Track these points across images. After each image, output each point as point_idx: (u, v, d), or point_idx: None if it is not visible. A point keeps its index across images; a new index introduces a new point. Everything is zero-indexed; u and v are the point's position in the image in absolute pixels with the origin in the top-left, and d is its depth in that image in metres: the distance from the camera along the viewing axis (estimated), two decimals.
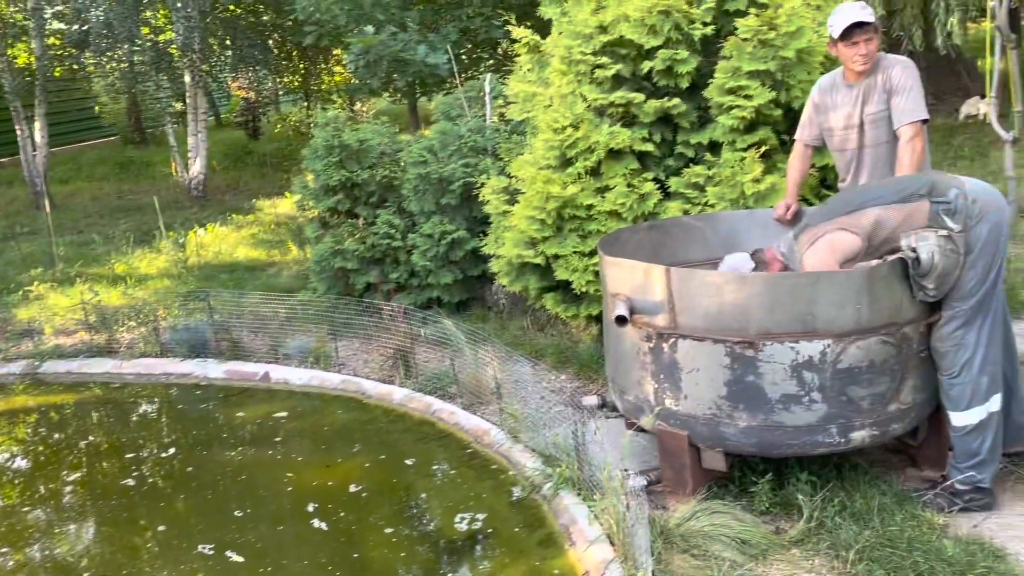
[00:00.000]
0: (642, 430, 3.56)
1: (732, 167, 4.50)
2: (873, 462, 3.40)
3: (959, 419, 3.06)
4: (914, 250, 2.96)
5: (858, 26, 3.46)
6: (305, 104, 17.15)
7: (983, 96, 9.78)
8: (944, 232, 2.95)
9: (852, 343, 2.93)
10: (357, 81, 10.40)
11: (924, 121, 3.52)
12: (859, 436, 3.01)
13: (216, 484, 4.01)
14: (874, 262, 3.10)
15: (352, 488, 3.83)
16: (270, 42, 14.14)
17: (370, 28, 9.15)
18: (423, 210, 5.92)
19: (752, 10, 4.53)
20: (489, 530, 3.38)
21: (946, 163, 8.93)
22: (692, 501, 3.08)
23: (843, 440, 3.01)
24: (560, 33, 5.06)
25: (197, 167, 11.71)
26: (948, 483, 3.09)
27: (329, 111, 6.47)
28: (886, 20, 9.19)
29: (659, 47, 4.63)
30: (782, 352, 2.95)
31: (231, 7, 12.61)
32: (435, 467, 3.98)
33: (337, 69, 17.08)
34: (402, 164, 6.22)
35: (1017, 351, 3.33)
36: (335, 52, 14.87)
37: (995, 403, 3.06)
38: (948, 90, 12.70)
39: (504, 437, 3.97)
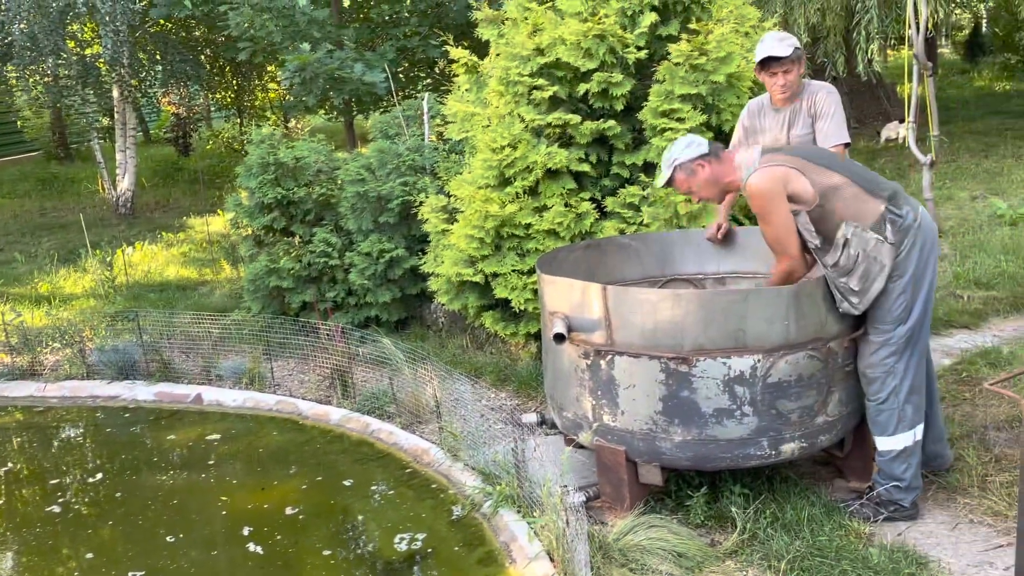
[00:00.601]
0: (581, 446, 3.61)
1: (666, 188, 4.61)
2: (803, 474, 3.50)
3: (884, 444, 3.15)
4: (847, 242, 3.00)
5: (774, 59, 3.61)
6: (238, 120, 16.88)
7: (902, 120, 10.22)
8: (880, 239, 3.01)
9: (781, 358, 3.02)
10: (292, 98, 10.29)
11: (846, 144, 3.67)
12: (789, 448, 3.10)
13: (146, 509, 3.89)
14: (812, 275, 3.20)
15: (288, 511, 3.77)
16: (202, 57, 13.89)
17: (306, 45, 9.09)
18: (361, 228, 5.89)
19: (684, 35, 4.67)
20: (429, 550, 3.36)
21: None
22: (630, 516, 3.12)
23: (774, 452, 3.09)
24: (498, 54, 5.12)
25: (125, 184, 11.40)
26: (874, 493, 3.20)
27: (264, 128, 6.40)
28: (811, 47, 9.57)
29: (595, 70, 4.73)
30: (715, 367, 3.03)
31: (162, 21, 12.36)
32: (374, 488, 3.94)
33: (272, 85, 16.88)
34: (339, 182, 6.18)
35: (936, 379, 3.43)
36: (269, 68, 14.70)
37: (920, 431, 3.14)
38: (870, 114, 13.26)
39: (444, 456, 3.96)
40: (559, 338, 3.26)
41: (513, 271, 4.83)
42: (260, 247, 6.27)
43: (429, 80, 12.23)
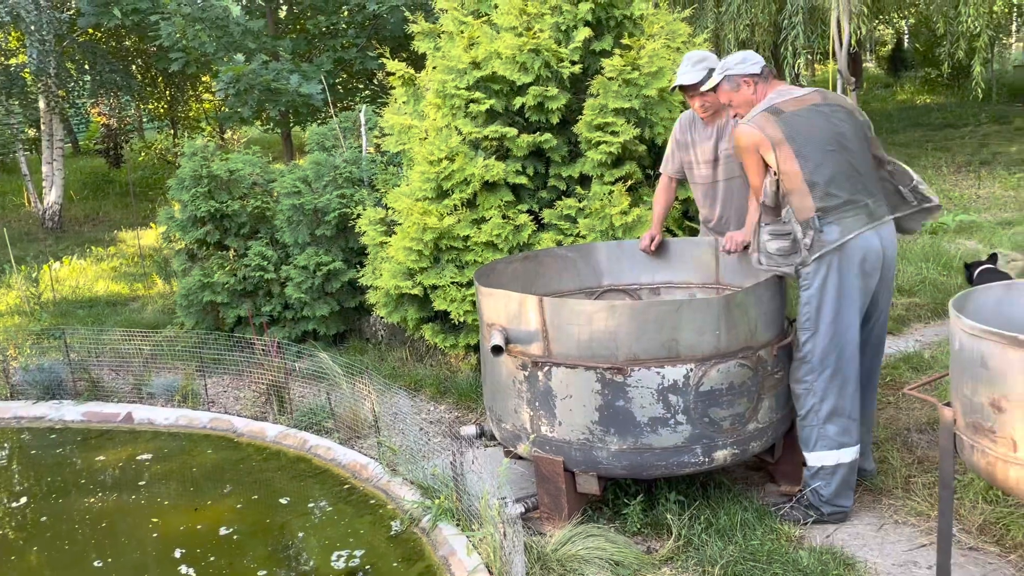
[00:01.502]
0: (520, 458, 3.62)
1: (601, 200, 4.67)
2: (736, 479, 3.58)
3: (807, 457, 3.25)
4: (786, 223, 3.17)
5: (681, 87, 3.73)
6: (171, 132, 16.52)
7: None
8: (801, 238, 3.12)
9: (713, 367, 3.09)
10: (227, 109, 10.13)
11: None
12: (721, 455, 3.17)
13: (74, 534, 3.77)
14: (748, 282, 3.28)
15: (223, 531, 3.69)
16: (133, 67, 13.57)
17: (240, 56, 8.96)
18: (297, 241, 5.82)
19: (617, 51, 4.75)
20: (367, 566, 3.33)
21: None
22: (568, 526, 3.14)
23: (707, 459, 3.16)
24: (434, 67, 5.14)
25: (52, 196, 11.05)
26: (802, 496, 3.28)
27: (197, 139, 6.28)
28: None
29: (530, 84, 4.78)
30: (649, 377, 3.08)
31: (90, 31, 12.04)
32: (311, 505, 3.89)
33: (206, 96, 16.58)
34: (275, 195, 6.10)
35: (873, 413, 3.51)
36: (204, 79, 14.43)
37: (847, 455, 3.19)
38: None
39: (382, 471, 3.93)
40: (497, 350, 3.27)
41: (452, 283, 4.84)
42: (193, 261, 6.14)
43: (368, 92, 12.17)
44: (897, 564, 2.92)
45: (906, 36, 22.90)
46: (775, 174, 3.18)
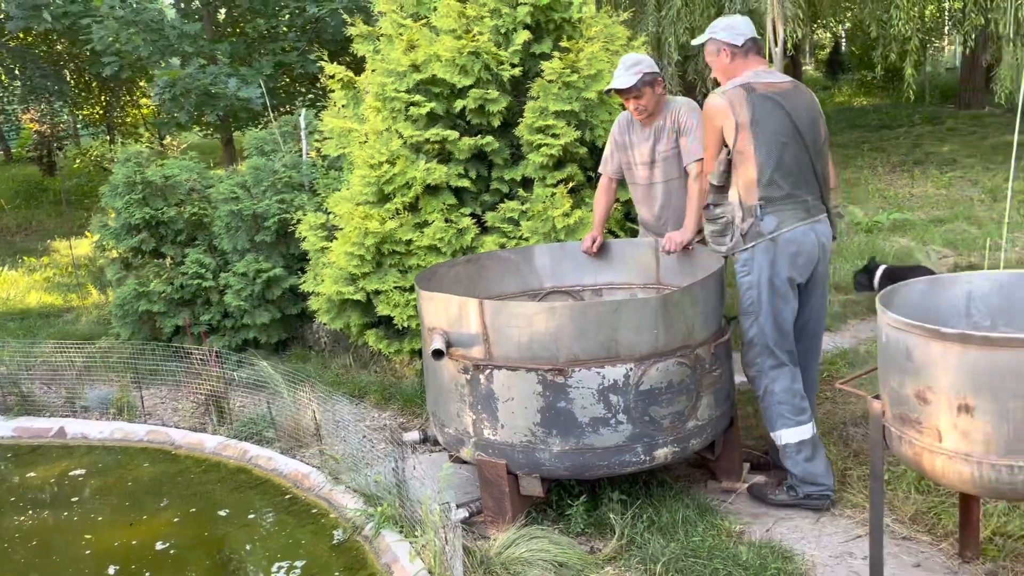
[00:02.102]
0: (465, 462, 3.60)
1: (543, 202, 4.68)
2: (678, 477, 3.61)
3: (774, 438, 3.36)
4: (724, 205, 3.31)
5: (618, 90, 3.76)
6: (108, 138, 16.09)
7: None
8: (737, 221, 3.25)
9: (652, 366, 3.11)
10: (164, 115, 9.91)
11: None
12: (662, 453, 3.19)
13: (3, 554, 3.63)
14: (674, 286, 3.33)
15: (159, 546, 3.59)
16: (66, 72, 13.19)
17: (176, 60, 8.77)
18: (236, 248, 5.71)
19: (556, 53, 4.77)
20: None
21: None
22: (512, 529, 3.13)
23: (648, 458, 3.18)
24: (374, 70, 5.09)
25: None
26: (786, 478, 3.36)
27: (130, 146, 6.13)
28: (682, 64, 9.96)
29: (471, 86, 4.76)
30: (589, 377, 3.09)
31: (20, 35, 11.67)
32: (252, 516, 3.81)
33: (144, 101, 16.19)
34: (213, 201, 5.97)
35: (814, 405, 3.59)
36: (141, 84, 14.10)
37: (806, 431, 3.28)
38: None
39: (324, 480, 3.87)
40: (438, 354, 3.25)
41: (395, 288, 4.80)
42: (128, 270, 5.98)
43: (310, 95, 12.02)
44: (833, 556, 2.97)
45: (843, 40, 23.49)
46: (728, 153, 3.27)
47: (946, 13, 14.86)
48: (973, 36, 10.69)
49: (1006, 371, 2.05)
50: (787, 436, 3.30)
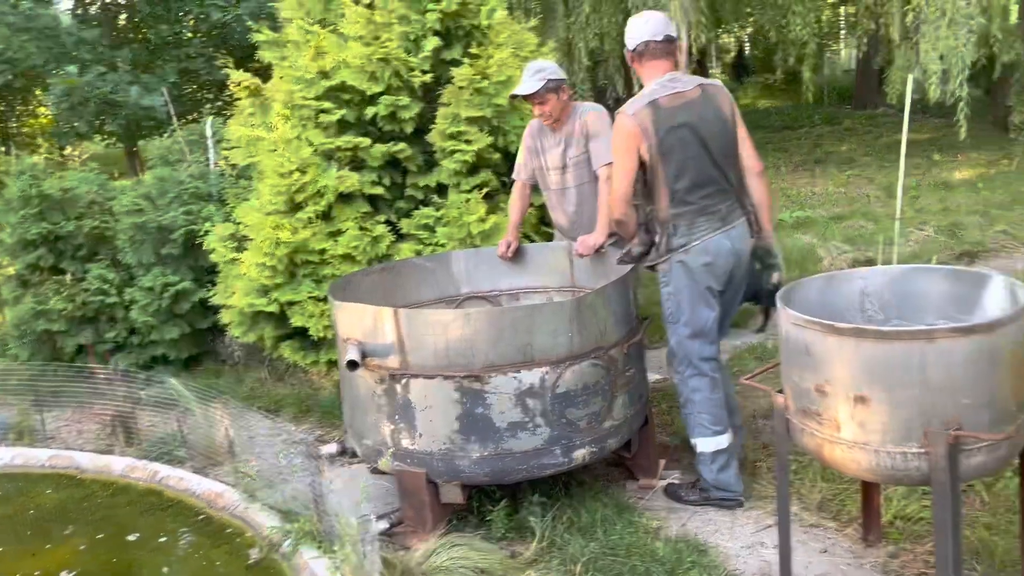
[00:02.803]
0: (384, 473, 3.56)
1: (458, 208, 4.68)
2: (597, 476, 3.66)
3: (693, 444, 3.41)
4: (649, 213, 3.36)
5: (521, 96, 3.81)
6: (2, 149, 15.31)
7: None
8: (656, 235, 3.31)
9: (567, 368, 3.15)
10: (62, 125, 9.50)
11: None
12: (580, 454, 3.23)
13: None
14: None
15: (64, 575, 3.43)
16: None
17: (73, 68, 8.42)
18: (141, 262, 5.51)
19: (466, 60, 4.78)
20: None
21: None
22: (433, 538, 3.11)
23: (567, 460, 3.21)
24: (281, 77, 5.00)
25: None
26: (698, 480, 3.42)
27: (26, 158, 5.85)
28: (592, 70, 10.12)
29: (381, 93, 4.73)
30: (506, 382, 3.10)
31: None
32: (163, 539, 3.68)
33: (42, 111, 15.47)
34: (116, 214, 5.75)
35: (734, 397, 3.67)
36: (37, 92, 13.47)
37: (723, 441, 3.34)
38: None
39: (240, 498, 3.77)
40: (352, 365, 3.21)
41: (310, 298, 4.71)
42: (25, 288, 5.70)
43: (219, 103, 11.72)
44: (745, 546, 3.07)
45: (747, 44, 24.31)
46: (645, 171, 3.29)
47: (841, 19, 15.55)
48: (865, 40, 11.21)
49: (897, 363, 2.15)
50: (703, 445, 3.35)
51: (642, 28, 3.34)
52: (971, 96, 8.10)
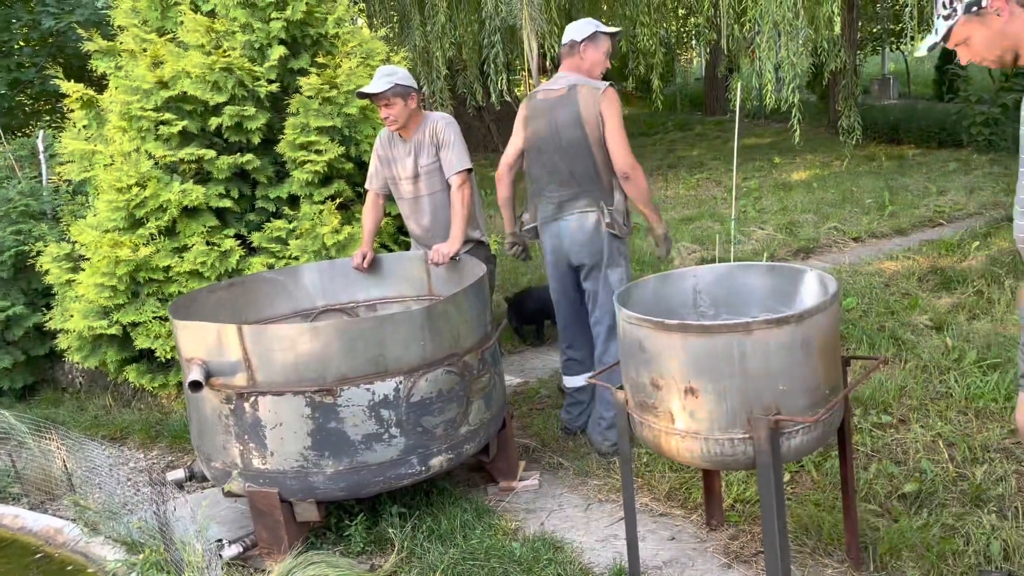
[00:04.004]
0: (238, 495, 3.45)
1: (312, 219, 4.61)
2: (458, 483, 3.68)
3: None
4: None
5: (368, 95, 3.82)
6: None
7: None
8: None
9: (421, 377, 3.16)
10: None
11: (468, 170, 3.95)
12: (437, 462, 3.24)
13: None
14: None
15: None
16: None
17: None
18: None
19: (313, 69, 4.71)
20: None
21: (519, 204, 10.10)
22: (289, 558, 3.04)
23: (424, 468, 3.21)
24: (117, 88, 4.76)
25: None
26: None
27: None
28: (450, 78, 10.18)
29: (225, 103, 4.59)
30: (359, 395, 3.07)
31: None
32: None
33: None
34: None
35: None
36: None
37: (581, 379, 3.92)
38: None
39: (80, 532, 3.56)
40: (195, 386, 3.09)
41: (155, 318, 4.52)
42: None
43: (57, 115, 11.00)
44: (599, 540, 3.16)
45: None
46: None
47: (689, 30, 16.33)
48: (709, 50, 11.82)
49: (721, 355, 2.29)
50: (576, 381, 4.04)
51: (569, 31, 3.88)
52: (807, 102, 8.69)
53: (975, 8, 2.12)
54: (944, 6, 2.18)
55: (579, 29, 3.82)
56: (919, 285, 5.65)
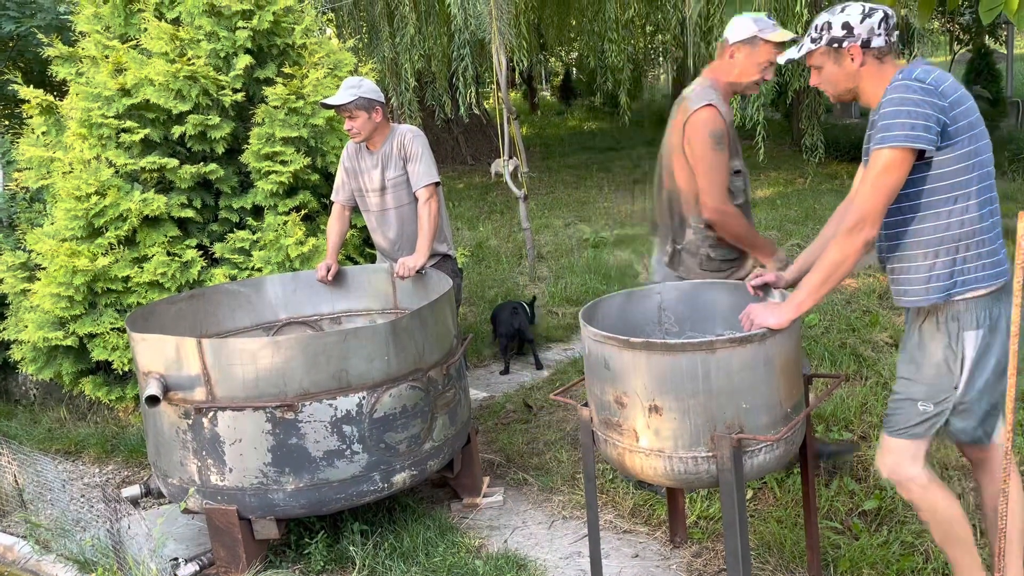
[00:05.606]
0: (196, 512, 3.38)
1: (276, 231, 4.55)
2: (421, 499, 3.65)
3: None
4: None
5: (331, 106, 3.79)
6: None
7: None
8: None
9: (385, 392, 3.12)
10: None
11: (436, 183, 3.93)
12: (400, 478, 3.20)
13: None
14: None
15: None
16: None
17: None
18: None
19: (280, 79, 4.67)
20: None
21: (482, 216, 10.11)
22: None
23: (386, 485, 3.17)
24: (77, 94, 4.67)
25: None
26: None
27: None
28: (420, 90, 10.17)
29: (189, 112, 4.53)
30: (321, 410, 3.03)
31: None
32: None
33: None
34: None
35: None
36: None
37: None
38: (484, 152, 14.46)
39: (32, 550, 3.45)
40: (152, 400, 3.02)
41: (112, 329, 4.42)
42: None
43: (16, 120, 10.76)
44: (564, 557, 3.15)
45: (573, 68, 25.27)
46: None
47: (656, 47, 16.50)
48: (675, 67, 11.95)
49: (684, 373, 2.29)
50: None
51: (736, 22, 3.21)
52: (771, 120, 8.80)
53: (836, 45, 2.35)
54: (816, 29, 2.39)
55: (737, 27, 3.12)
56: (879, 302, 5.73)
